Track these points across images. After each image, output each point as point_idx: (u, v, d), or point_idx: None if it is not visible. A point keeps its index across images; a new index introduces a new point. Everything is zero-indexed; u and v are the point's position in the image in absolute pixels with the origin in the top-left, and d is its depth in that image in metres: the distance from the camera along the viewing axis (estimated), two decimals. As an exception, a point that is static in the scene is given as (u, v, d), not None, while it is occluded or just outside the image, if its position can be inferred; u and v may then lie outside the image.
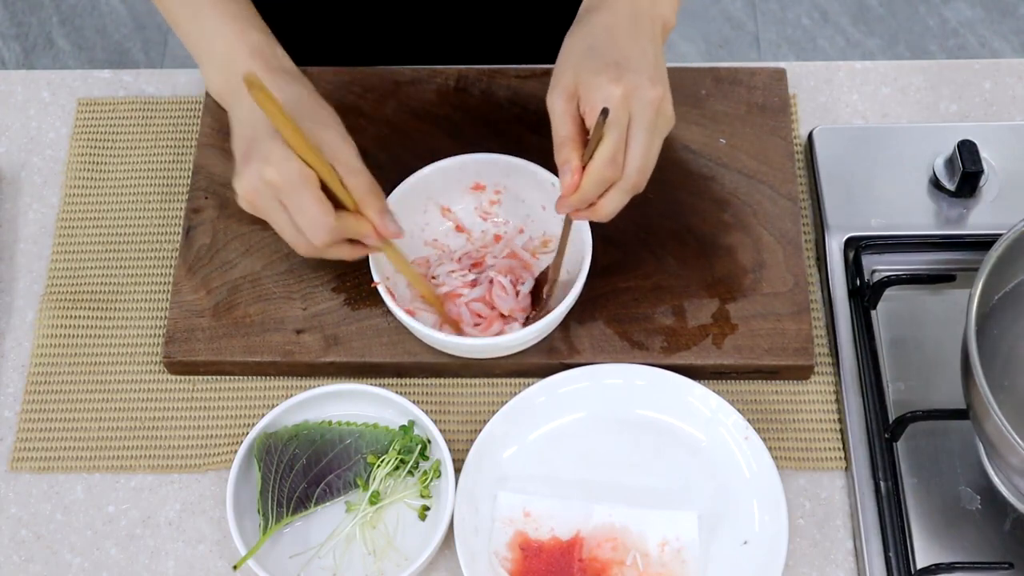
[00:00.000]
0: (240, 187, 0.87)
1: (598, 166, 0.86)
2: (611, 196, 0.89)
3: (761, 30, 2.44)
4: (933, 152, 1.08)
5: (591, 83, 0.86)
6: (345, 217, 0.89)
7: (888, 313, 1.02)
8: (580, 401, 0.98)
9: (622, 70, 0.86)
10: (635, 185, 0.89)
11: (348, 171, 0.88)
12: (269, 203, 0.88)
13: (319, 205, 0.86)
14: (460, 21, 1.23)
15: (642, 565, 0.91)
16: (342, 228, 0.88)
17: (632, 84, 0.86)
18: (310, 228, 0.87)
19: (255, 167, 0.86)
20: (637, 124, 0.86)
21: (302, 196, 0.86)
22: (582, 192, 0.88)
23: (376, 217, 0.90)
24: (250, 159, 0.86)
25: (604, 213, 0.90)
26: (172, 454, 0.99)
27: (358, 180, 0.89)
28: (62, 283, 1.06)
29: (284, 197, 0.86)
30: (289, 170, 0.85)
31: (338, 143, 0.89)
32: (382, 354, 1.00)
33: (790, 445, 0.98)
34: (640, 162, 0.87)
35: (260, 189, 0.87)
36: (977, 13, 2.44)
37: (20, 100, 1.17)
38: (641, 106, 0.86)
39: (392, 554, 0.93)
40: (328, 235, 0.88)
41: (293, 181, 0.85)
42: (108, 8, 2.48)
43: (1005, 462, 0.88)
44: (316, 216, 0.86)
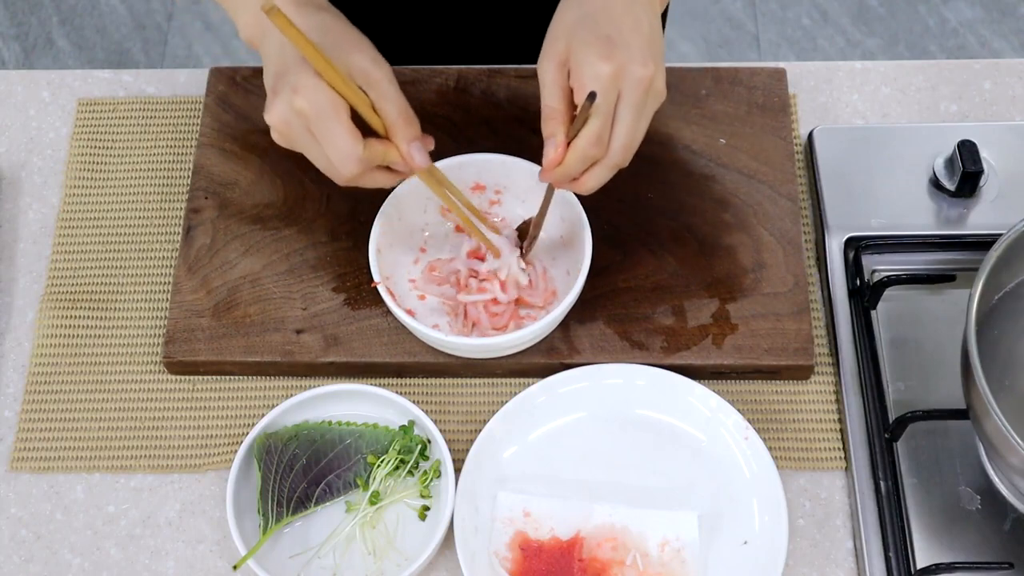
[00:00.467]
0: (271, 118, 0.86)
1: (583, 145, 0.86)
2: (595, 172, 0.89)
3: (761, 30, 2.44)
4: (933, 152, 1.08)
5: (581, 57, 0.85)
6: (373, 145, 0.87)
7: (888, 313, 1.02)
8: (580, 401, 0.98)
9: (613, 46, 0.85)
10: (619, 163, 0.88)
11: (379, 96, 0.87)
12: (300, 133, 0.86)
13: (348, 135, 0.85)
14: (460, 21, 1.23)
15: (642, 565, 0.91)
16: (370, 157, 0.87)
17: (622, 62, 0.85)
18: (339, 158, 0.86)
19: (285, 97, 0.84)
20: (625, 103, 0.86)
21: (331, 126, 0.84)
22: (565, 167, 0.87)
23: (404, 146, 0.88)
24: (279, 90, 0.85)
25: (587, 188, 0.90)
26: (172, 454, 0.99)
27: (389, 105, 0.87)
28: (62, 283, 1.06)
29: (314, 126, 0.85)
30: (318, 99, 0.83)
31: (369, 67, 0.87)
32: (382, 354, 1.00)
33: (790, 445, 0.98)
34: (625, 140, 0.87)
35: (290, 119, 0.85)
36: (977, 13, 2.44)
37: (20, 100, 1.17)
38: (630, 84, 0.85)
39: (392, 554, 0.93)
40: (356, 165, 0.86)
41: (322, 110, 0.84)
42: (108, 8, 2.48)
43: (1005, 462, 0.88)
44: (344, 146, 0.85)
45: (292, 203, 1.06)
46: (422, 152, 0.89)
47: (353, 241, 1.04)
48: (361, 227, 1.02)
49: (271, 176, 1.08)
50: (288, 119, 0.85)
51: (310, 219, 1.06)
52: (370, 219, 0.99)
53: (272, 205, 1.06)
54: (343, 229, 1.05)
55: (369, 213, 1.00)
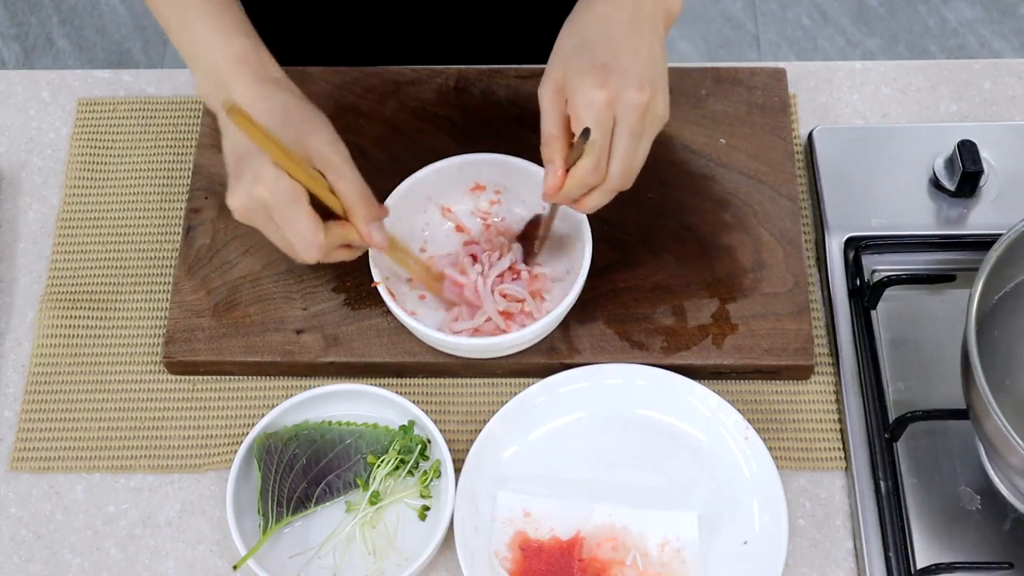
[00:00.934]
0: (232, 204, 0.88)
1: (581, 173, 0.87)
2: (594, 196, 0.90)
3: (761, 30, 2.44)
4: (933, 152, 1.08)
5: (576, 84, 0.86)
6: (333, 229, 0.89)
7: (888, 313, 1.02)
8: (580, 401, 0.98)
9: (608, 72, 0.85)
10: (618, 187, 0.89)
11: (337, 178, 0.89)
12: (262, 219, 0.88)
13: (309, 223, 0.87)
14: (460, 21, 1.23)
15: (642, 565, 0.91)
16: (331, 241, 0.89)
17: (617, 89, 0.85)
18: (301, 246, 0.88)
19: (246, 185, 0.87)
20: (621, 129, 0.86)
21: (293, 214, 0.86)
22: (565, 192, 0.89)
23: (363, 227, 0.90)
24: (241, 176, 0.87)
25: (586, 209, 0.91)
26: (172, 454, 0.99)
27: (347, 187, 0.89)
28: (62, 283, 1.06)
29: (276, 214, 0.87)
30: (278, 189, 0.85)
31: (326, 150, 0.89)
32: (382, 354, 1.00)
33: (790, 445, 0.98)
34: (623, 166, 0.88)
35: (251, 206, 0.87)
36: (977, 13, 2.44)
37: (20, 100, 1.17)
38: (626, 111, 0.86)
39: (392, 554, 0.93)
40: (318, 251, 0.89)
41: (283, 199, 0.86)
42: (108, 8, 2.48)
43: (1005, 462, 0.88)
44: (306, 234, 0.87)
45: (292, 203, 1.06)
46: (381, 232, 0.91)
47: (353, 241, 1.04)
48: (361, 227, 1.01)
49: (271, 176, 1.08)
50: (250, 206, 0.87)
51: (310, 219, 1.06)
52: (370, 219, 0.99)
53: (272, 205, 1.06)
54: (343, 229, 1.05)
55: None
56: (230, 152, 0.89)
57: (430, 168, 1.01)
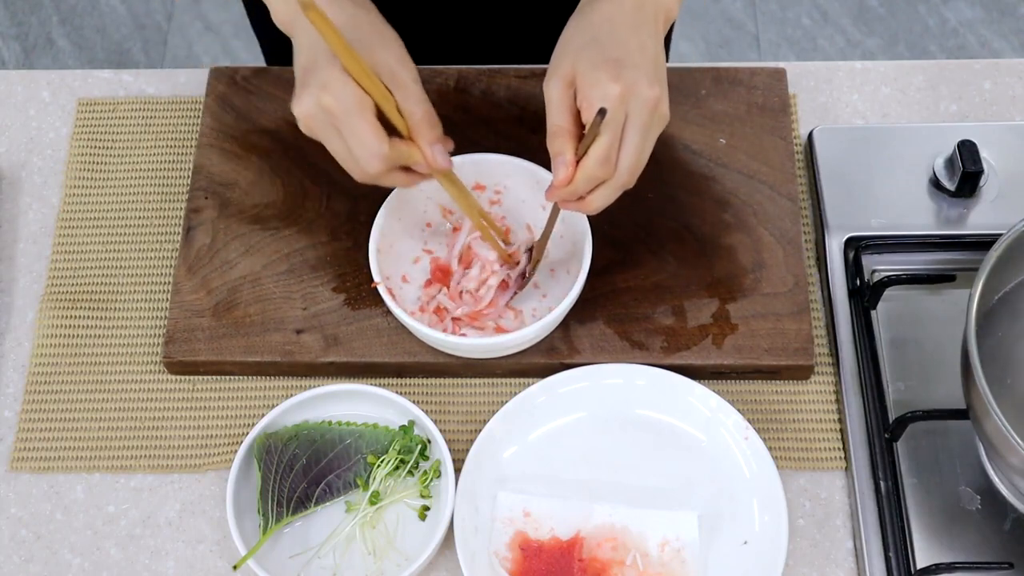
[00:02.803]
0: (298, 111, 0.87)
1: (591, 165, 0.86)
2: (601, 192, 0.89)
3: (761, 30, 2.44)
4: (933, 152, 1.08)
5: (590, 77, 0.86)
6: (398, 145, 0.88)
7: (888, 313, 1.02)
8: (580, 401, 0.98)
9: (621, 67, 0.86)
10: (625, 183, 0.89)
11: (404, 97, 0.87)
12: (326, 128, 0.87)
13: (373, 134, 0.86)
14: (460, 21, 1.23)
15: (642, 565, 0.91)
16: (395, 157, 0.88)
17: (630, 83, 0.85)
18: (363, 156, 0.87)
19: (313, 92, 0.85)
20: (632, 124, 0.86)
21: (357, 124, 0.85)
22: (574, 187, 0.88)
23: (427, 148, 0.89)
24: (308, 84, 0.86)
25: (592, 208, 0.90)
26: (172, 454, 0.99)
27: (414, 106, 0.88)
28: (62, 283, 1.06)
29: (340, 123, 0.86)
30: (345, 96, 0.84)
31: (396, 67, 0.87)
32: (382, 354, 1.00)
33: (790, 445, 0.98)
34: (632, 161, 0.87)
35: (317, 115, 0.86)
36: (977, 13, 2.44)
37: (20, 100, 1.17)
38: (638, 106, 0.86)
39: (392, 554, 0.93)
40: (381, 163, 0.87)
41: (349, 108, 0.85)
42: (108, 8, 2.48)
43: (1005, 462, 0.88)
44: (370, 145, 0.86)
45: (292, 203, 1.06)
46: (444, 154, 0.90)
47: (353, 241, 1.04)
48: (361, 227, 1.02)
49: (271, 176, 1.08)
50: (315, 114, 0.86)
51: (310, 219, 1.06)
52: (370, 219, 0.99)
53: (272, 205, 1.07)
54: (343, 229, 1.05)
55: (369, 213, 1.00)
56: (301, 60, 0.88)
57: (430, 168, 1.01)
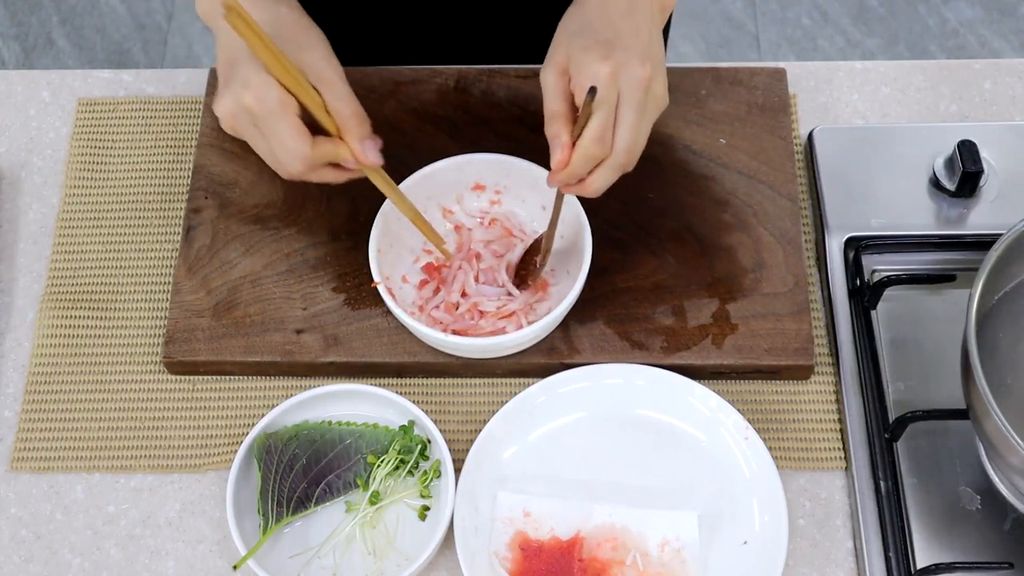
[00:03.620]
0: (218, 110, 0.87)
1: (586, 144, 0.86)
2: (600, 173, 0.89)
3: (761, 30, 2.44)
4: (933, 152, 1.08)
5: (580, 60, 0.86)
6: (322, 143, 0.87)
7: (888, 313, 1.02)
8: (580, 401, 0.98)
9: (612, 48, 0.86)
10: (624, 164, 0.89)
11: (331, 95, 0.87)
12: (248, 128, 0.87)
13: (295, 134, 0.85)
14: (460, 21, 1.23)
15: (642, 565, 0.91)
16: (319, 155, 0.87)
17: (621, 62, 0.85)
18: (285, 156, 0.86)
19: (234, 91, 0.85)
20: (626, 103, 0.86)
21: (279, 124, 0.85)
22: (571, 168, 0.88)
23: (356, 144, 0.88)
24: (230, 82, 0.86)
25: (593, 189, 0.90)
26: (172, 454, 0.99)
27: (341, 104, 0.87)
28: (62, 283, 1.06)
29: (261, 123, 0.85)
30: (267, 97, 0.84)
31: (322, 66, 0.87)
32: (382, 354, 1.00)
33: (790, 445, 0.98)
34: (628, 141, 0.87)
35: (238, 114, 0.86)
36: (977, 13, 2.44)
37: (20, 100, 1.17)
38: (630, 84, 0.86)
39: (392, 554, 0.93)
40: (303, 164, 0.87)
41: (270, 108, 0.84)
42: (108, 8, 2.48)
43: (1005, 462, 0.88)
44: (291, 146, 0.85)
45: (292, 203, 1.06)
46: (374, 150, 0.90)
47: (353, 241, 1.04)
48: (361, 227, 1.02)
49: (271, 176, 1.08)
50: (236, 113, 0.86)
51: (310, 219, 1.06)
52: (370, 219, 0.99)
53: (272, 205, 1.07)
54: (343, 229, 1.05)
55: (369, 213, 1.00)
56: (223, 56, 0.88)
57: (430, 168, 1.01)
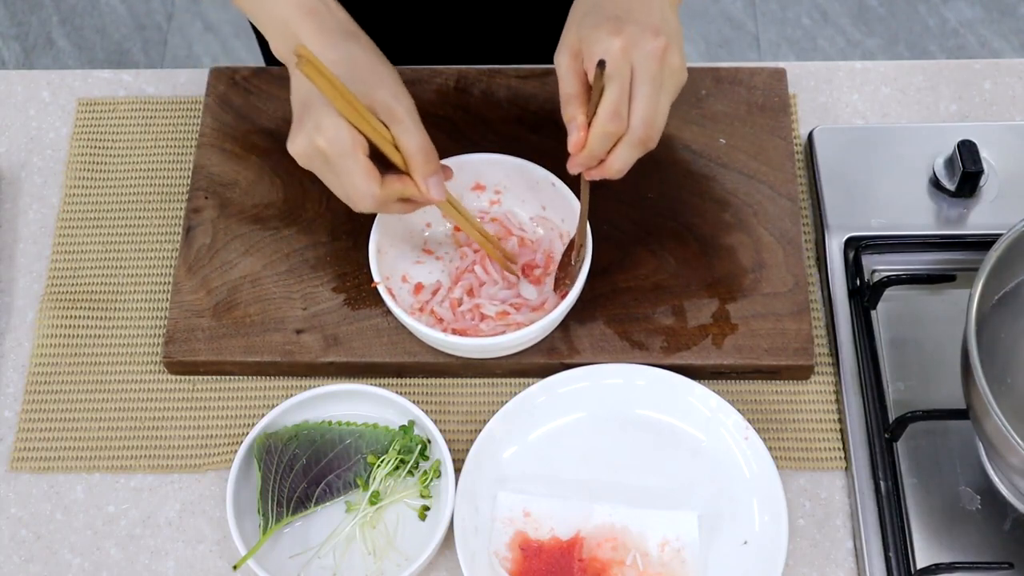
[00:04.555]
0: (293, 150, 0.89)
1: (602, 120, 0.85)
2: (619, 151, 0.88)
3: (761, 30, 2.44)
4: (933, 152, 1.08)
5: (591, 38, 0.86)
6: (390, 183, 0.89)
7: (888, 313, 1.02)
8: (580, 401, 0.98)
9: (622, 22, 0.85)
10: (643, 139, 0.87)
11: (400, 131, 0.88)
12: (321, 168, 0.89)
13: (365, 176, 0.87)
14: (460, 21, 1.23)
15: (642, 565, 0.91)
16: (387, 194, 0.89)
17: (632, 35, 0.85)
18: (355, 196, 0.89)
19: (307, 132, 0.87)
20: (640, 75, 0.85)
21: (349, 166, 0.87)
22: (589, 148, 0.87)
23: (422, 182, 0.90)
24: (303, 123, 0.88)
25: (615, 169, 0.89)
26: (172, 454, 0.99)
27: (408, 140, 0.89)
28: (62, 283, 1.06)
29: (333, 164, 0.87)
30: (338, 139, 0.86)
31: (391, 102, 0.88)
32: (382, 354, 1.00)
33: (790, 445, 0.98)
34: (645, 113, 0.86)
35: (311, 154, 0.88)
36: (977, 13, 2.44)
37: (20, 100, 1.17)
38: (643, 56, 0.85)
39: (392, 554, 0.93)
40: (372, 203, 0.89)
41: (342, 150, 0.86)
42: (108, 8, 2.48)
43: (1005, 462, 0.88)
44: (361, 186, 0.88)
45: (292, 203, 1.06)
46: (440, 187, 0.91)
47: (353, 241, 1.04)
48: (361, 227, 1.01)
49: (271, 176, 1.08)
50: (310, 154, 0.88)
51: (310, 219, 1.06)
52: (370, 219, 0.99)
53: (272, 205, 1.07)
54: (343, 229, 1.05)
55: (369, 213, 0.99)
56: (297, 97, 0.90)
57: (430, 168, 1.01)
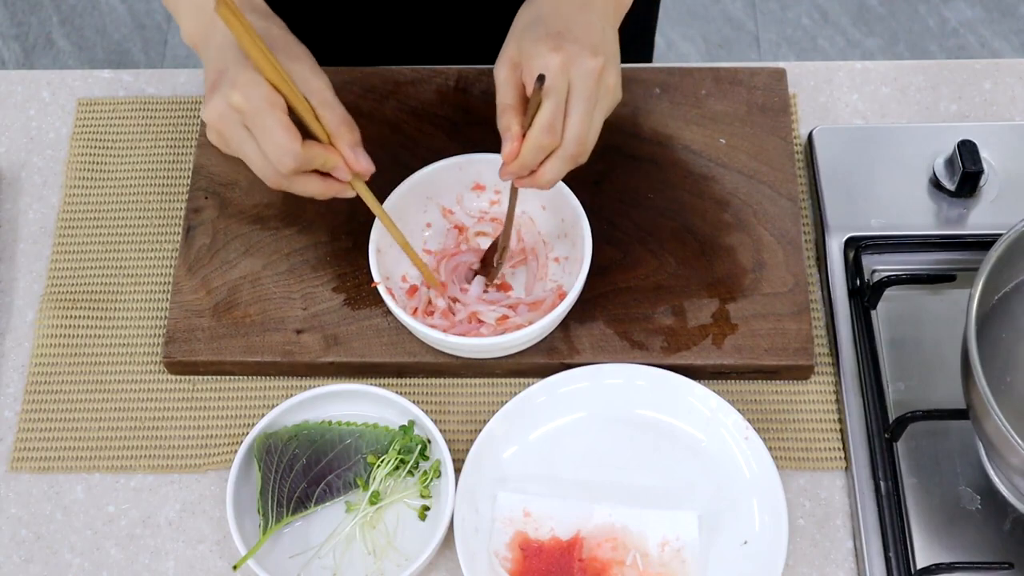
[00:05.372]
0: (206, 115, 0.86)
1: (536, 133, 0.86)
2: (550, 164, 0.89)
3: (761, 30, 2.44)
4: (933, 152, 1.08)
5: (531, 52, 0.86)
6: (312, 146, 0.87)
7: (888, 313, 1.02)
8: (580, 401, 0.98)
9: (562, 40, 0.86)
10: (574, 155, 0.88)
11: (321, 103, 0.87)
12: (236, 129, 0.86)
13: (285, 130, 0.84)
14: (460, 21, 1.23)
15: (642, 565, 0.91)
16: (310, 157, 0.86)
17: (571, 53, 0.85)
18: (275, 153, 0.85)
19: (222, 92, 0.84)
20: (576, 93, 0.86)
21: (268, 120, 0.84)
22: (521, 159, 0.88)
23: (348, 150, 0.88)
24: (218, 86, 0.85)
25: (544, 181, 0.90)
26: (172, 454, 0.99)
27: (331, 112, 0.87)
28: (62, 283, 1.06)
29: (250, 121, 0.84)
30: (256, 94, 0.83)
31: (310, 76, 0.87)
32: (382, 354, 1.00)
33: (790, 445, 0.98)
34: (578, 130, 0.87)
35: (226, 114, 0.85)
36: (977, 13, 2.45)
37: (20, 100, 1.17)
38: (580, 75, 0.86)
39: (392, 554, 0.93)
40: (293, 161, 0.85)
41: (259, 105, 0.83)
42: (108, 8, 2.48)
43: (1005, 462, 0.88)
44: (282, 141, 0.84)
45: (292, 203, 1.06)
46: (366, 156, 0.89)
47: (353, 241, 1.04)
48: (361, 227, 1.02)
49: (271, 176, 1.08)
50: (224, 114, 0.85)
51: (310, 219, 1.06)
52: (370, 219, 0.99)
53: (272, 205, 1.07)
54: (343, 229, 1.05)
55: (369, 213, 0.99)
56: (210, 71, 0.88)
57: (430, 168, 1.02)
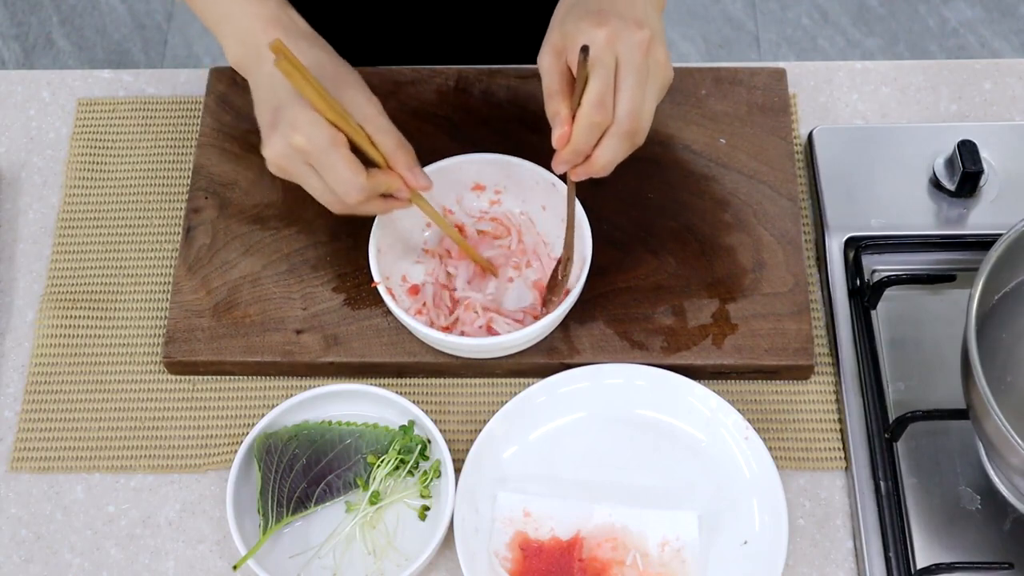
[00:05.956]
0: (269, 154, 0.89)
1: (586, 110, 0.84)
2: (606, 144, 0.86)
3: (761, 30, 2.44)
4: (933, 152, 1.08)
5: (574, 32, 0.85)
6: (376, 174, 0.90)
7: (888, 313, 1.02)
8: (580, 401, 0.98)
9: (605, 15, 0.85)
10: (629, 131, 0.86)
11: (376, 129, 0.89)
12: (299, 167, 0.89)
13: (350, 166, 0.87)
14: (460, 21, 1.23)
15: (642, 565, 0.91)
16: (374, 185, 0.90)
17: (616, 27, 0.84)
18: (342, 188, 0.88)
19: (282, 132, 0.87)
20: (625, 66, 0.84)
21: (332, 158, 0.87)
22: (574, 142, 0.86)
23: (406, 172, 0.91)
24: (277, 125, 0.87)
25: (600, 164, 0.88)
26: (172, 454, 0.99)
27: (386, 137, 0.90)
28: (62, 283, 1.06)
29: (314, 161, 0.87)
30: (317, 135, 0.86)
31: (363, 102, 0.90)
32: (382, 354, 1.00)
33: (790, 445, 0.98)
34: (630, 105, 0.85)
35: (289, 155, 0.88)
36: (977, 13, 2.44)
37: (20, 100, 1.17)
38: (627, 48, 0.84)
39: (392, 554, 0.93)
40: (360, 193, 0.89)
41: (322, 145, 0.86)
42: (108, 8, 2.48)
43: (1005, 462, 0.88)
44: (348, 177, 0.87)
45: (292, 203, 1.06)
46: (424, 174, 0.93)
47: (353, 241, 1.04)
48: (361, 227, 1.01)
49: (271, 176, 1.07)
50: (286, 154, 0.88)
51: (310, 219, 1.06)
52: (370, 219, 0.99)
53: (272, 205, 1.07)
54: (343, 229, 1.05)
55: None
56: (264, 103, 0.90)
57: (430, 168, 1.01)
